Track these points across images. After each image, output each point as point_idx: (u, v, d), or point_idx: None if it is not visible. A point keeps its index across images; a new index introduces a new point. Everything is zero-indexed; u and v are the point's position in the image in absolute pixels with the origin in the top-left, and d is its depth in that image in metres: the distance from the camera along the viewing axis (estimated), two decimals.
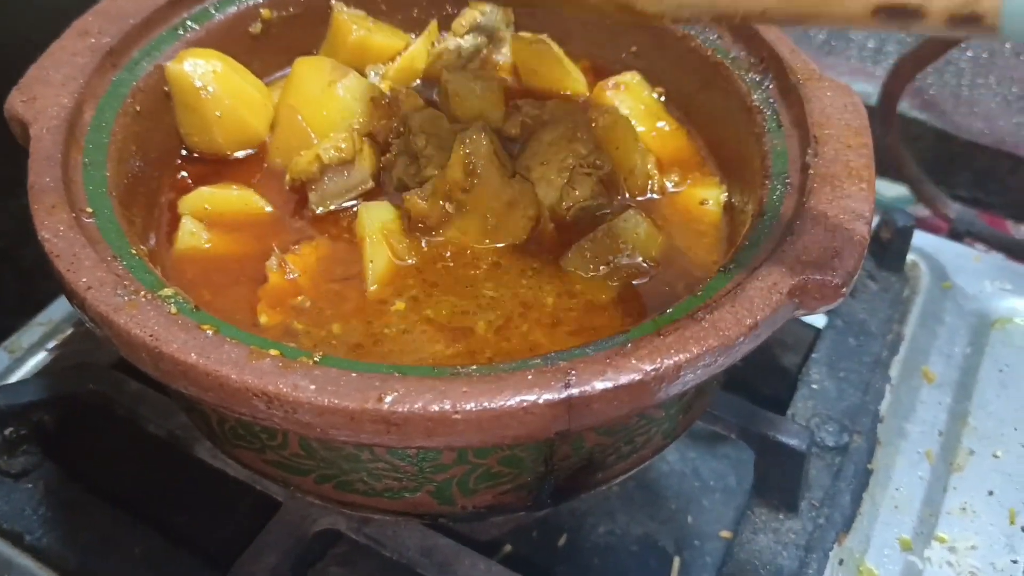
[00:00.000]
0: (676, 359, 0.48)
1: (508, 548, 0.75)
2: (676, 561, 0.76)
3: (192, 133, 0.71)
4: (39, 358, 0.84)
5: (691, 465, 0.82)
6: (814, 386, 0.83)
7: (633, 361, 0.47)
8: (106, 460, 0.78)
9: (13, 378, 0.82)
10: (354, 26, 0.77)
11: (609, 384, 0.47)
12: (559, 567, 0.75)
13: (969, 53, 1.17)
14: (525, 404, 0.46)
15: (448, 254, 0.65)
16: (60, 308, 0.88)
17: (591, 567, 0.75)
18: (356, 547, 0.69)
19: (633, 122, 0.74)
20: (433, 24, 0.80)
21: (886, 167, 1.13)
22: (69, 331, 0.85)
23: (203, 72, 0.68)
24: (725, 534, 0.77)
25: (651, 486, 0.80)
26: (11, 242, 1.04)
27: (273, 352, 0.48)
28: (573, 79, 0.80)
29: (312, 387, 0.46)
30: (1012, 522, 0.74)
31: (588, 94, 0.80)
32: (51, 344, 0.85)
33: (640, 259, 0.64)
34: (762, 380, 0.85)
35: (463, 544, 0.68)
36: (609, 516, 0.78)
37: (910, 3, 0.38)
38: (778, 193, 0.60)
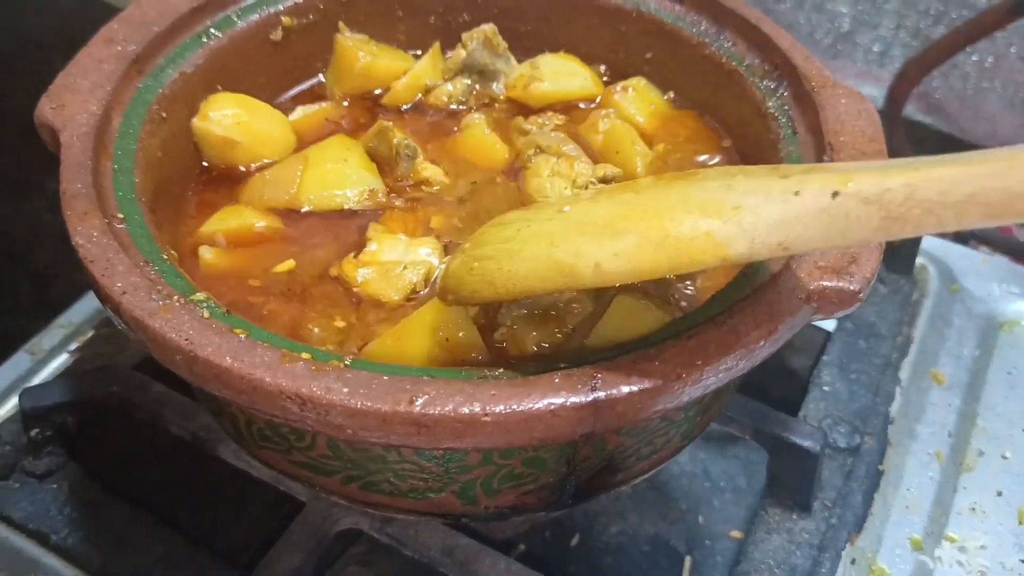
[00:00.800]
0: (699, 363, 0.49)
1: (522, 547, 0.76)
2: (687, 561, 0.77)
3: (213, 160, 0.72)
4: (60, 360, 0.85)
5: (701, 466, 0.83)
6: (825, 388, 0.84)
7: (657, 364, 0.49)
8: (128, 461, 0.79)
9: (36, 380, 0.82)
10: (360, 53, 0.78)
11: (634, 388, 0.48)
12: (572, 567, 0.76)
13: (974, 57, 1.18)
14: (552, 407, 0.47)
15: None
16: (80, 310, 0.88)
17: (603, 566, 0.76)
18: (376, 546, 0.70)
19: (642, 120, 0.76)
20: (436, 46, 0.81)
21: None
22: (90, 333, 0.86)
23: (229, 125, 0.70)
24: (735, 534, 0.78)
25: (662, 487, 0.81)
26: (23, 245, 1.04)
27: (305, 355, 0.49)
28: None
29: (345, 390, 0.47)
30: (1021, 522, 0.75)
31: (599, 97, 0.81)
32: (72, 346, 0.85)
33: None
34: (774, 382, 0.85)
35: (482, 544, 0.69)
36: (621, 516, 0.79)
37: None
38: None
